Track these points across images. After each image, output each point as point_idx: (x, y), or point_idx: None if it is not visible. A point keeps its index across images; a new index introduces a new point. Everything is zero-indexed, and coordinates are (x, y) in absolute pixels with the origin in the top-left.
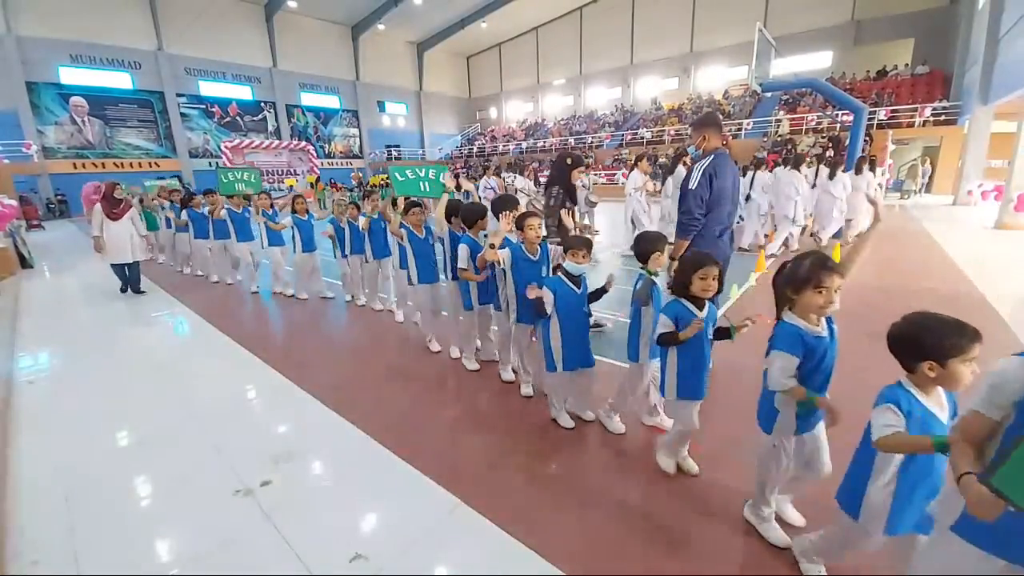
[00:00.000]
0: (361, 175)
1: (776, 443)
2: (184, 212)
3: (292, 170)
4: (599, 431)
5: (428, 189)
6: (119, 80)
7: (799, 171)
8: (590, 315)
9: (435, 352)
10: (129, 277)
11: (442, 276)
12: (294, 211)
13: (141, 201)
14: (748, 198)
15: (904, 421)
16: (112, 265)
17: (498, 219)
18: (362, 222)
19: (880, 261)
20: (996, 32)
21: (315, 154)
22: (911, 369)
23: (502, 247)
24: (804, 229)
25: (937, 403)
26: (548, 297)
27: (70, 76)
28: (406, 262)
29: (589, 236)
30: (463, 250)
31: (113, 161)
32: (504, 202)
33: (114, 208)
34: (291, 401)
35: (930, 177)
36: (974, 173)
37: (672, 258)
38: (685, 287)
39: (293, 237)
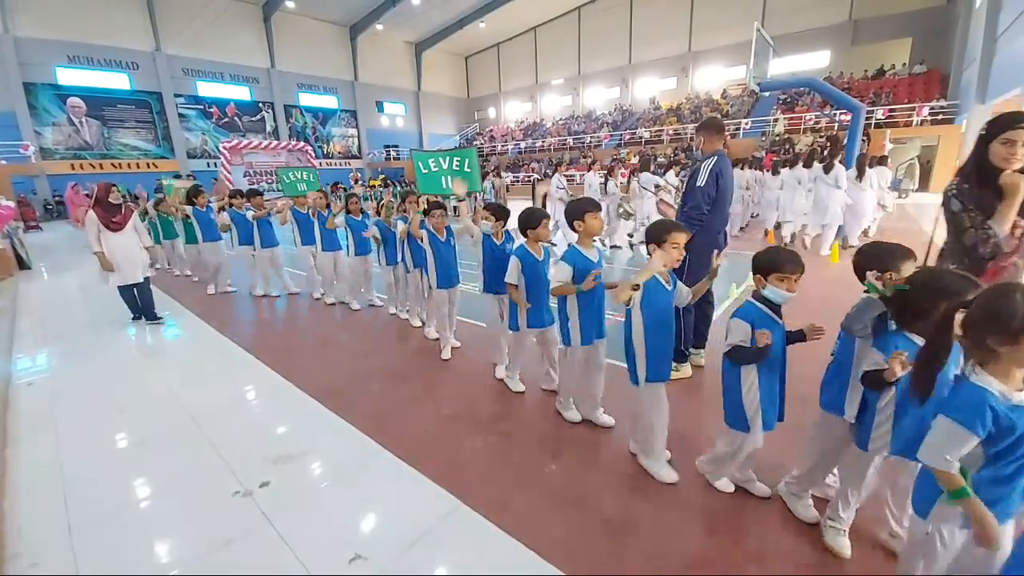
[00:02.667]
0: (360, 175)
1: (932, 530)
2: (224, 213)
3: None
4: (599, 432)
5: (452, 184)
6: (117, 81)
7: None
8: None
9: (445, 360)
10: (141, 300)
11: (459, 283)
12: (348, 211)
13: (158, 205)
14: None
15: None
16: (120, 288)
17: (572, 227)
18: (400, 228)
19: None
20: (994, 31)
21: (313, 154)
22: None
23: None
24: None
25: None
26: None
27: (67, 77)
28: (422, 263)
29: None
30: (514, 264)
31: (111, 162)
32: (588, 204)
33: (113, 216)
34: (291, 401)
35: (921, 177)
36: None
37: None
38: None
39: (347, 239)
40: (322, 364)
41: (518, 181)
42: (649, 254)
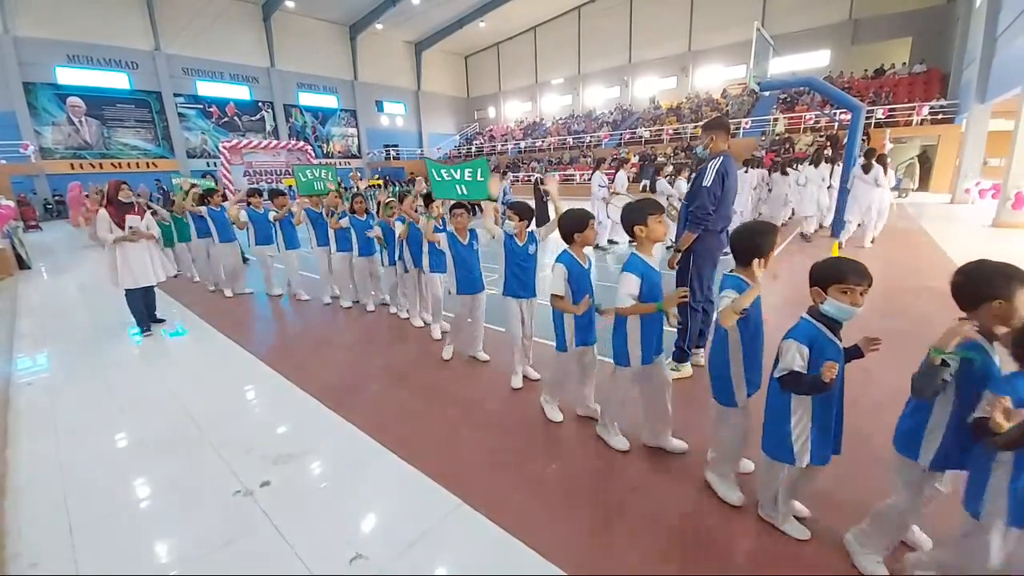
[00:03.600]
0: (359, 175)
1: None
2: (243, 212)
3: (290, 170)
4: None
5: (466, 192)
6: (116, 80)
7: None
8: None
9: (447, 360)
10: (144, 301)
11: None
12: (352, 211)
13: (171, 206)
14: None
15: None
16: (128, 292)
17: (631, 233)
18: (400, 229)
19: (878, 260)
20: (993, 30)
21: (313, 154)
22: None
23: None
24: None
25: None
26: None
27: (67, 76)
28: (440, 267)
29: None
30: (559, 273)
31: (111, 161)
32: (652, 206)
33: (125, 215)
34: (291, 401)
35: (921, 177)
36: (971, 171)
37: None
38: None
39: (350, 239)
40: (323, 364)
41: (517, 181)
42: (633, 237)
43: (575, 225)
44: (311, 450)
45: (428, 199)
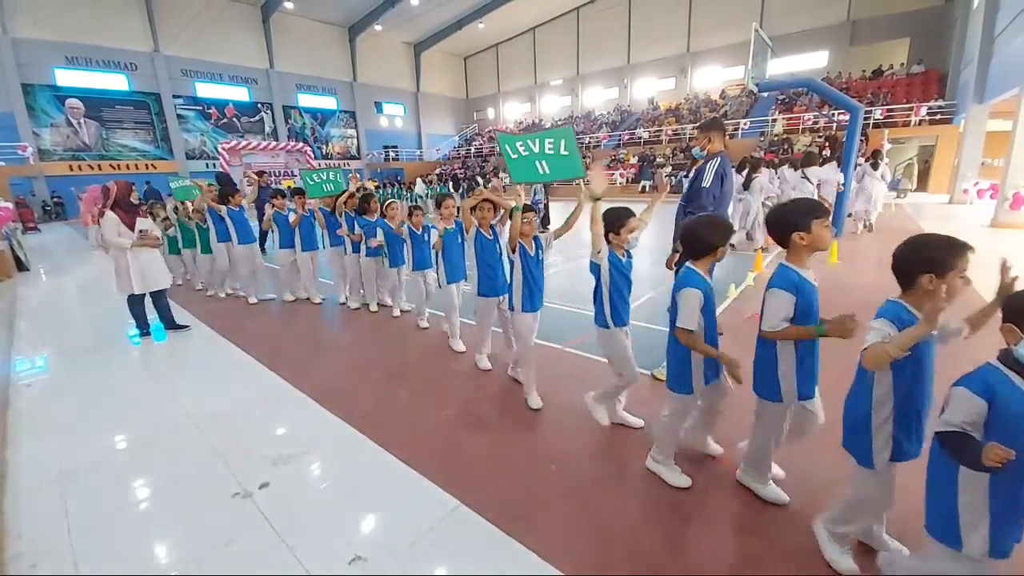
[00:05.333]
0: (359, 175)
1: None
2: (266, 214)
3: (290, 171)
4: (599, 432)
5: (549, 171)
6: (115, 82)
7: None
8: None
9: (485, 370)
10: (159, 309)
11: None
12: (362, 212)
13: (175, 211)
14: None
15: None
16: (131, 298)
17: (783, 239)
18: (434, 238)
19: (876, 259)
20: (991, 31)
21: (312, 155)
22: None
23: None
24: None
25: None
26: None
27: (66, 78)
28: (456, 274)
29: None
30: (693, 300)
31: (109, 163)
32: (817, 208)
33: (133, 217)
34: (290, 402)
35: (919, 177)
36: (969, 172)
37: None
38: None
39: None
40: (322, 365)
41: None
42: (786, 244)
43: (714, 236)
44: (310, 451)
45: (440, 203)
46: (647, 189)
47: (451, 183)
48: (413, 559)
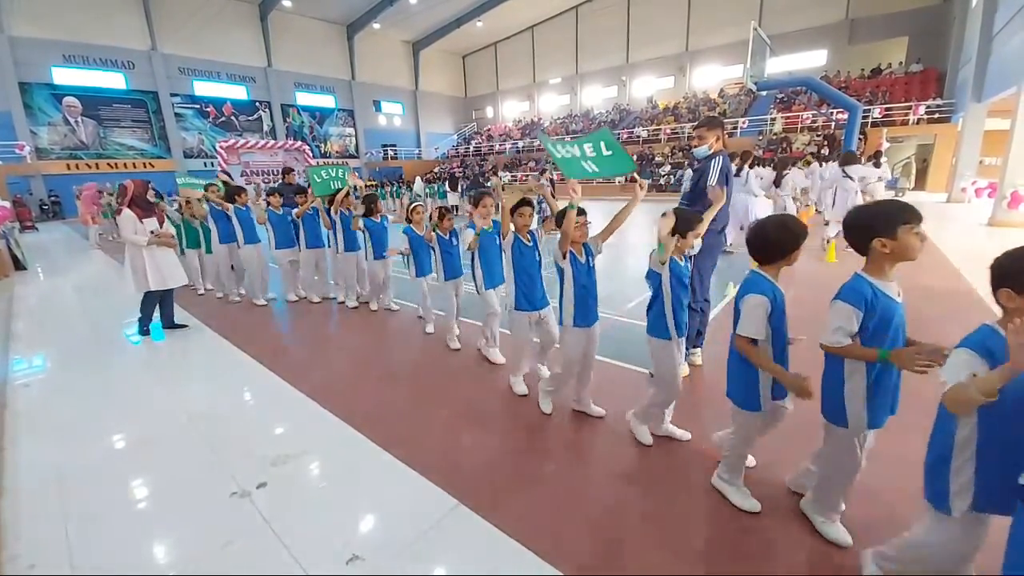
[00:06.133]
0: (357, 174)
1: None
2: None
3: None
4: (598, 432)
5: (598, 168)
6: (112, 80)
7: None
8: None
9: (521, 395)
10: (163, 307)
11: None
12: (368, 213)
13: (179, 209)
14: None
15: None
16: (147, 295)
17: (863, 245)
18: (469, 239)
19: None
20: (989, 30)
21: (311, 154)
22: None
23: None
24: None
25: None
26: None
27: (63, 76)
28: (495, 278)
29: None
30: (759, 307)
31: (107, 162)
32: (908, 212)
33: (148, 215)
34: (289, 402)
35: (917, 176)
36: (967, 170)
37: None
38: None
39: (365, 242)
40: (320, 364)
41: (515, 180)
42: (865, 251)
43: (786, 238)
44: (309, 451)
45: (478, 202)
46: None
47: (448, 182)
48: (412, 559)
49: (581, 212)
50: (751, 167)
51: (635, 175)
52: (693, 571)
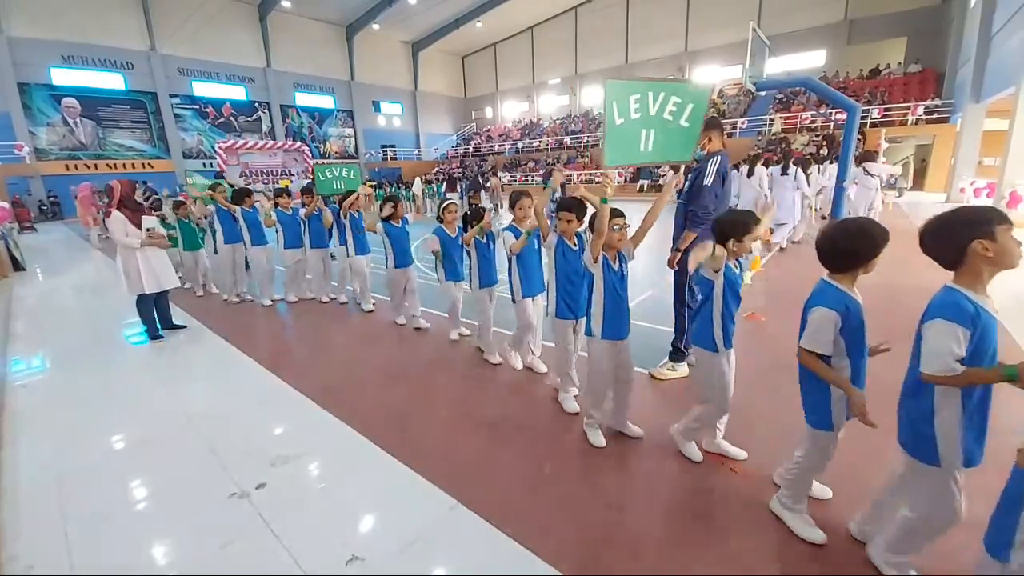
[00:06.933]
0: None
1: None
2: (272, 212)
3: (287, 171)
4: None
5: (650, 149)
6: (111, 81)
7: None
8: None
9: (572, 413)
10: (159, 309)
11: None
12: (388, 218)
13: (178, 208)
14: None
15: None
16: (140, 299)
17: (950, 258)
18: (510, 241)
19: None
20: (988, 30)
21: (310, 155)
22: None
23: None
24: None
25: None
26: None
27: (62, 77)
28: (535, 287)
29: None
30: (828, 320)
31: (106, 162)
32: (998, 216)
33: (139, 216)
34: (288, 403)
35: (916, 176)
36: (966, 170)
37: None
38: None
39: (385, 247)
40: (320, 365)
41: (515, 180)
42: (959, 263)
43: (864, 245)
44: (307, 452)
45: (472, 217)
46: (644, 188)
47: (447, 183)
48: (410, 559)
49: (618, 214)
50: (796, 165)
51: (610, 172)
52: (691, 571)
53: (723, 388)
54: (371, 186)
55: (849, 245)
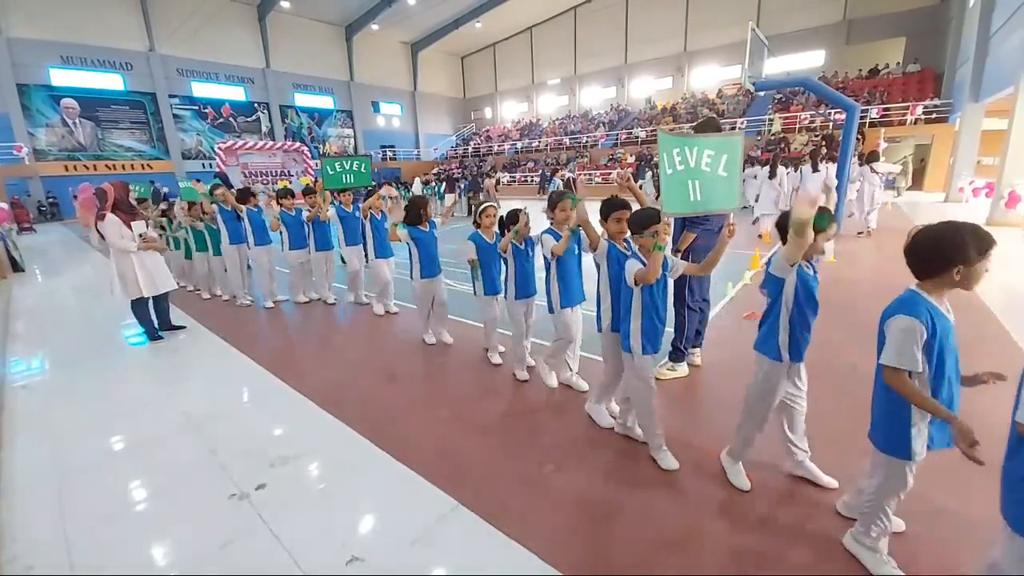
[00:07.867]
0: (393, 185)
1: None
2: (277, 216)
3: (286, 171)
4: (597, 432)
5: (699, 198)
6: (110, 81)
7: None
8: None
9: (608, 428)
10: (158, 311)
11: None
12: (412, 221)
13: (190, 209)
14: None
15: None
16: (135, 303)
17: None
18: (550, 244)
19: (872, 257)
20: (987, 30)
21: (310, 155)
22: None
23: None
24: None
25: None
26: None
27: (61, 78)
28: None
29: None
30: (911, 330)
31: (105, 163)
32: None
33: (133, 218)
34: (287, 403)
35: (915, 176)
36: (965, 170)
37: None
38: None
39: (410, 255)
40: (320, 366)
41: (514, 181)
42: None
43: (958, 248)
44: (307, 452)
45: (510, 221)
46: (642, 188)
47: (445, 183)
48: (411, 560)
49: (624, 205)
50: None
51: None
52: (691, 571)
53: (764, 400)
54: (372, 185)
55: (929, 245)
